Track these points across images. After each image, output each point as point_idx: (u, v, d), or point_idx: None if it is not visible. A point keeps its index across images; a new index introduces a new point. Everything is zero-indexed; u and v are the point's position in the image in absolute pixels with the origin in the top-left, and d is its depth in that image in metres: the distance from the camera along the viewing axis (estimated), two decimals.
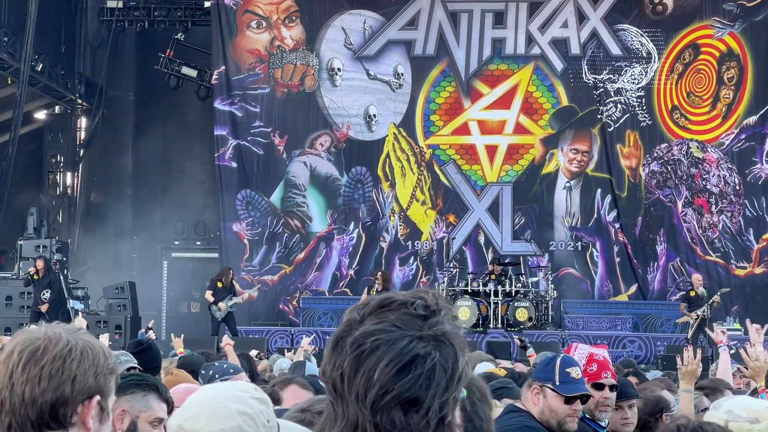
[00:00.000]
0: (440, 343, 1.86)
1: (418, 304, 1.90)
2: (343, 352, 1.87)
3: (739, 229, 23.54)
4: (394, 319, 1.87)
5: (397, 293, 1.93)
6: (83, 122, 27.04)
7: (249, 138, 24.23)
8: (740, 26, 23.83)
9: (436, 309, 1.91)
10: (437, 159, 24.31)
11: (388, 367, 1.82)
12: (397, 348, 1.83)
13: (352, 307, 1.94)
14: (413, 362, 1.83)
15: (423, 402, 1.82)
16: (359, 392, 1.83)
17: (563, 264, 23.79)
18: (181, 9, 25.53)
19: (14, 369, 2.27)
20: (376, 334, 1.85)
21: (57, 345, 2.28)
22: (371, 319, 1.88)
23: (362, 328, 1.87)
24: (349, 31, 24.53)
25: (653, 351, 20.41)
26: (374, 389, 1.82)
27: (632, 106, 24.01)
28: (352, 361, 1.85)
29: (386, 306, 1.90)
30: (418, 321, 1.87)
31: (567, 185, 24.05)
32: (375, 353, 1.84)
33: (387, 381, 1.82)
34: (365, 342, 1.85)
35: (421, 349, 1.84)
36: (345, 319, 1.93)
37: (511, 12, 24.18)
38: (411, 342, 1.84)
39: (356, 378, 1.84)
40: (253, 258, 23.76)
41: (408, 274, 23.96)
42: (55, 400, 2.26)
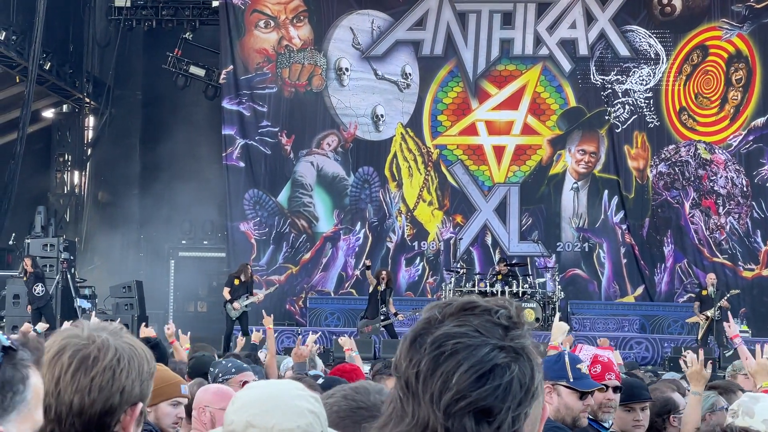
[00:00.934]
0: (520, 356, 1.83)
1: (502, 314, 1.86)
2: (421, 350, 1.83)
3: (746, 230, 23.51)
4: (477, 324, 1.83)
5: (479, 299, 1.90)
6: (91, 121, 27.08)
7: (257, 138, 24.24)
8: (749, 28, 23.80)
9: (518, 321, 1.87)
10: (444, 159, 24.30)
11: (468, 372, 1.79)
12: (479, 355, 1.80)
13: (433, 305, 1.90)
14: (492, 371, 1.79)
15: (497, 413, 1.79)
16: (434, 394, 1.79)
17: (570, 265, 23.77)
18: (189, 8, 25.53)
19: (62, 376, 2.23)
20: (458, 337, 1.82)
21: (107, 354, 2.26)
22: (453, 321, 1.84)
23: (444, 329, 1.83)
24: (357, 31, 24.53)
25: (660, 352, 20.39)
26: (450, 393, 1.78)
27: (640, 107, 23.99)
28: (431, 361, 1.81)
29: (469, 309, 1.86)
30: (500, 330, 1.84)
31: (574, 186, 24.03)
32: (455, 356, 1.80)
33: (464, 387, 1.78)
34: (446, 343, 1.81)
35: (502, 360, 1.81)
36: (425, 317, 1.88)
37: (519, 13, 24.16)
38: (492, 351, 1.81)
39: (433, 379, 1.80)
40: (261, 258, 23.76)
41: (414, 275, 23.95)
42: (104, 412, 2.24)
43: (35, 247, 21.82)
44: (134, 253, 26.34)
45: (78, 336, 2.29)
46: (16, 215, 23.26)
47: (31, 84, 22.10)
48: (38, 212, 23.28)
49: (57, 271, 21.35)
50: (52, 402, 2.21)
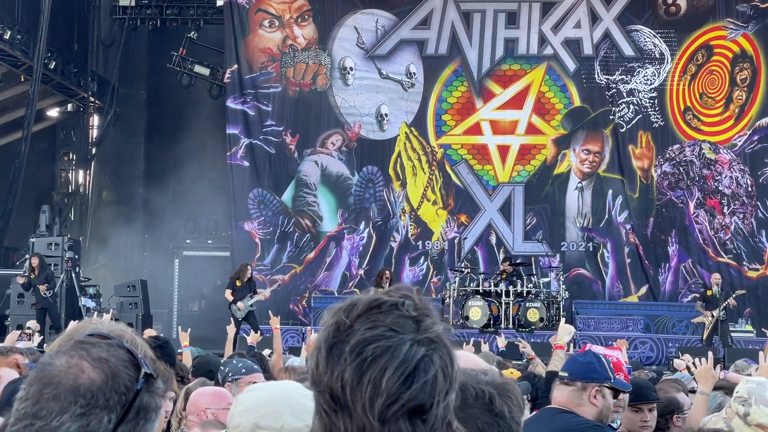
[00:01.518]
0: (437, 345, 1.80)
1: (409, 305, 1.82)
2: (341, 360, 1.78)
3: (751, 230, 23.49)
4: (390, 322, 1.79)
5: (382, 294, 1.84)
6: (95, 120, 27.11)
7: (261, 137, 24.24)
8: (753, 27, 23.78)
9: (425, 309, 1.83)
10: (449, 159, 24.30)
11: (395, 375, 1.75)
12: (400, 355, 1.76)
13: (336, 309, 1.84)
14: (417, 369, 1.77)
15: (429, 409, 1.77)
16: (365, 403, 1.75)
17: (575, 264, 23.76)
18: (193, 7, 25.56)
19: None
20: (376, 341, 1.77)
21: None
22: (363, 323, 1.79)
23: (358, 334, 1.78)
24: (362, 31, 24.53)
25: (665, 352, 20.37)
26: (381, 399, 1.75)
27: (645, 107, 23.97)
28: (355, 370, 1.76)
29: (377, 308, 1.81)
30: (412, 323, 1.80)
31: (579, 186, 24.02)
32: (378, 361, 1.76)
33: (395, 390, 1.75)
34: (366, 349, 1.77)
35: (423, 354, 1.78)
36: (331, 322, 1.83)
37: (524, 12, 24.15)
38: (411, 347, 1.77)
39: (360, 388, 1.76)
40: (265, 257, 23.76)
41: (418, 274, 23.94)
42: None
43: (40, 245, 21.86)
44: (139, 252, 26.36)
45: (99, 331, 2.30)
46: (20, 214, 23.29)
47: (36, 83, 22.13)
48: (43, 211, 23.31)
49: (62, 270, 21.43)
50: None
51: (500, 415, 2.22)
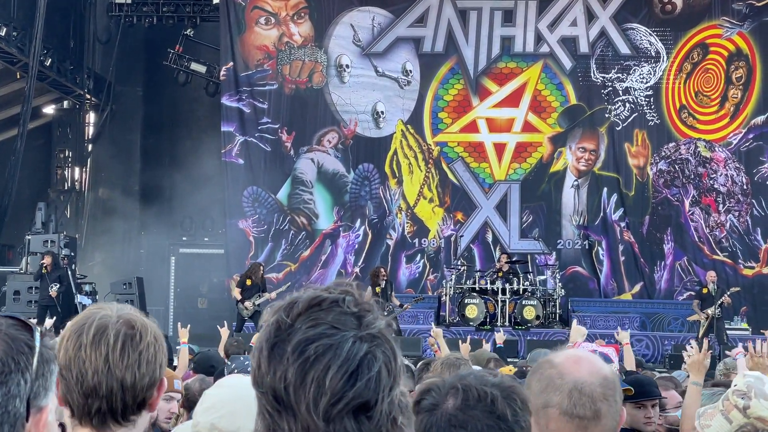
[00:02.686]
0: (379, 341, 1.79)
1: (349, 301, 1.81)
2: (283, 359, 1.76)
3: (746, 228, 23.53)
4: (331, 320, 1.78)
5: (322, 291, 1.83)
6: (91, 117, 27.08)
7: (256, 134, 24.24)
8: (749, 26, 23.81)
9: (366, 304, 1.82)
10: (445, 156, 24.31)
11: (338, 373, 1.74)
12: (343, 352, 1.75)
13: (276, 308, 1.83)
14: (361, 366, 1.76)
15: (373, 406, 1.76)
16: (309, 402, 1.74)
17: (571, 262, 23.80)
18: (189, 5, 25.52)
19: (110, 353, 2.30)
20: (318, 339, 1.76)
21: (147, 330, 2.36)
22: (304, 322, 1.78)
23: (300, 333, 1.77)
24: (358, 28, 24.54)
25: (660, 350, 20.42)
26: (326, 398, 1.74)
27: (640, 105, 24.00)
28: (298, 370, 1.75)
29: (317, 305, 1.80)
30: (353, 319, 1.79)
31: (575, 184, 24.05)
32: (321, 360, 1.75)
33: (339, 388, 1.74)
34: (308, 348, 1.76)
35: (365, 351, 1.77)
36: (272, 321, 1.81)
37: (520, 10, 24.17)
38: (354, 344, 1.76)
39: (304, 387, 1.75)
40: (259, 255, 23.71)
41: (415, 272, 23.96)
42: (150, 384, 2.34)
43: (36, 243, 21.84)
44: (135, 250, 26.34)
45: (110, 316, 2.37)
46: (16, 211, 23.26)
47: (32, 80, 22.09)
48: (39, 208, 23.28)
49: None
50: (102, 379, 2.29)
51: (502, 418, 2.19)
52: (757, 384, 3.45)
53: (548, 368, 2.55)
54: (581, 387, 2.52)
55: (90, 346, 2.30)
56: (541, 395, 2.51)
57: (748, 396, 3.42)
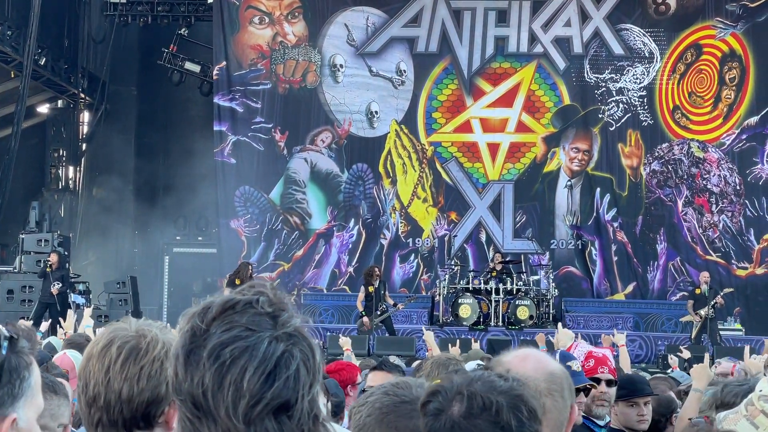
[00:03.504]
0: (296, 339, 1.79)
1: (263, 301, 1.80)
2: (200, 365, 1.75)
3: (739, 229, 23.58)
4: (245, 322, 1.76)
5: (235, 294, 1.82)
6: (86, 116, 27.07)
7: (249, 134, 24.22)
8: (742, 27, 23.86)
9: (281, 303, 1.82)
10: (439, 156, 24.33)
11: (255, 375, 1.73)
12: (260, 353, 1.74)
13: (191, 314, 1.81)
14: (278, 366, 1.75)
15: (293, 405, 1.76)
16: (228, 406, 1.73)
17: (564, 262, 23.82)
18: (184, 4, 25.50)
19: (111, 365, 2.31)
20: (232, 342, 1.74)
21: (156, 346, 2.34)
22: (219, 326, 1.77)
23: (215, 338, 1.75)
24: (352, 28, 24.54)
25: (654, 350, 20.44)
26: (244, 400, 1.72)
27: (634, 105, 24.04)
28: (214, 374, 1.73)
29: (231, 308, 1.79)
30: (268, 320, 1.78)
31: (568, 184, 24.08)
32: (237, 362, 1.73)
33: (257, 390, 1.73)
34: (223, 352, 1.74)
35: (282, 350, 1.76)
36: (186, 328, 1.79)
37: (514, 10, 24.20)
38: (270, 344, 1.75)
39: (222, 391, 1.73)
40: (251, 255, 23.66)
41: (408, 272, 23.97)
42: (151, 400, 2.31)
43: (29, 242, 21.82)
44: (129, 249, 26.34)
45: (126, 329, 2.38)
46: (10, 210, 23.24)
47: (26, 79, 22.07)
48: (32, 207, 23.26)
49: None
50: (101, 390, 2.30)
51: (506, 428, 2.15)
52: None
53: (497, 366, 2.58)
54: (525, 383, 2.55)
55: (96, 357, 2.33)
56: None
57: None
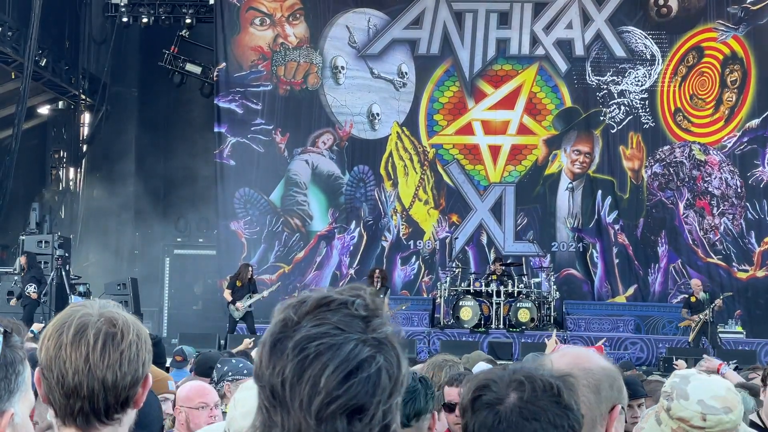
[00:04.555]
0: (384, 346, 1.78)
1: (359, 304, 1.79)
2: (283, 356, 1.76)
3: (740, 231, 23.56)
4: (337, 321, 1.77)
5: (333, 292, 1.82)
6: (86, 118, 27.05)
7: (249, 135, 24.20)
8: (744, 29, 23.85)
9: (376, 309, 1.81)
10: (440, 158, 24.31)
11: (335, 373, 1.73)
12: (343, 353, 1.73)
13: (286, 305, 1.82)
14: (359, 368, 1.74)
15: (368, 410, 1.74)
16: (303, 400, 1.73)
17: (565, 265, 23.80)
18: (185, 5, 25.46)
19: (90, 353, 2.26)
20: (320, 338, 1.75)
21: (129, 329, 2.31)
22: (310, 320, 1.78)
23: (304, 331, 1.76)
24: (354, 30, 24.53)
25: (655, 353, 20.42)
26: (320, 397, 1.72)
27: (635, 108, 24.02)
28: (296, 366, 1.74)
29: (325, 305, 1.79)
30: (360, 322, 1.78)
31: (569, 186, 24.06)
32: (320, 358, 1.74)
33: (333, 388, 1.72)
34: (309, 346, 1.75)
35: (367, 354, 1.75)
36: (279, 318, 1.81)
37: (516, 12, 24.18)
38: (356, 346, 1.75)
39: (300, 384, 1.74)
40: (251, 257, 23.61)
41: (410, 274, 23.95)
42: (133, 383, 2.30)
43: (30, 243, 21.81)
44: (129, 250, 26.33)
45: (91, 314, 2.32)
46: (11, 211, 23.24)
47: (27, 80, 22.06)
48: (33, 209, 23.25)
49: (52, 267, 21.35)
50: (83, 379, 2.24)
51: (569, 407, 2.17)
52: (680, 384, 3.46)
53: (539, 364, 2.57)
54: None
55: (70, 345, 2.25)
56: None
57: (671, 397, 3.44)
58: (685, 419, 3.37)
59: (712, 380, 3.52)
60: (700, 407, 3.35)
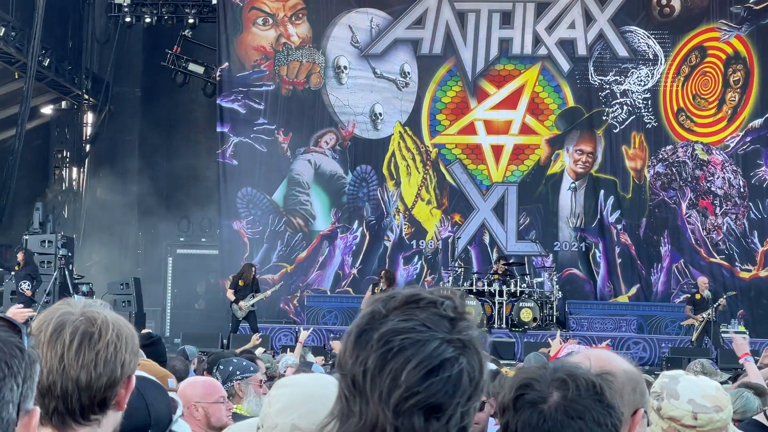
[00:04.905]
0: (468, 349, 1.80)
1: (447, 305, 1.82)
2: (368, 347, 1.78)
3: (743, 231, 23.55)
4: (424, 318, 1.79)
5: (424, 291, 1.85)
6: (89, 118, 27.08)
7: (252, 135, 24.22)
8: (747, 29, 23.84)
9: (464, 312, 1.83)
10: (443, 158, 24.32)
11: (417, 369, 1.73)
12: (427, 350, 1.75)
13: (376, 298, 1.85)
14: (441, 366, 1.75)
15: (446, 409, 1.76)
16: (383, 392, 1.75)
17: (567, 264, 23.80)
18: (188, 5, 25.49)
19: (65, 352, 2.24)
20: (405, 333, 1.77)
21: (107, 329, 2.28)
22: (398, 315, 1.80)
23: (390, 324, 1.79)
24: (356, 29, 24.54)
25: (657, 353, 20.43)
26: (399, 390, 1.74)
27: (638, 107, 24.02)
28: (378, 359, 1.76)
29: (414, 302, 1.82)
30: (447, 323, 1.80)
31: (572, 186, 24.06)
32: (403, 353, 1.75)
33: (414, 383, 1.74)
34: (394, 339, 1.77)
35: (450, 354, 1.77)
36: (368, 311, 1.84)
37: (519, 12, 24.19)
38: (441, 345, 1.76)
39: (381, 376, 1.75)
40: (254, 256, 23.61)
41: (412, 273, 23.95)
42: (109, 385, 2.27)
43: (33, 243, 21.82)
44: (132, 250, 26.34)
45: (72, 313, 2.31)
46: (14, 211, 23.27)
47: (30, 80, 22.08)
48: (36, 208, 23.23)
49: (55, 267, 21.37)
50: (56, 379, 2.23)
51: (611, 406, 2.18)
52: (670, 384, 3.48)
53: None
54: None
55: (47, 344, 2.24)
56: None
57: (661, 396, 3.46)
58: (676, 418, 3.39)
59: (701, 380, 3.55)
60: (690, 406, 3.37)
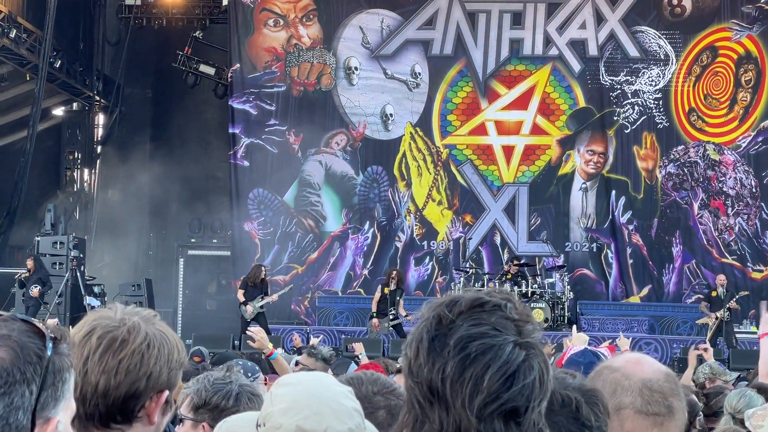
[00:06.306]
0: (535, 352, 1.83)
1: (511, 308, 1.84)
2: (443, 353, 1.80)
3: (755, 231, 23.50)
4: (494, 322, 1.81)
5: (484, 294, 1.87)
6: (101, 119, 27.12)
7: (263, 136, 24.24)
8: (758, 29, 23.79)
9: (525, 314, 1.86)
10: (454, 159, 24.31)
11: (497, 374, 1.76)
12: (504, 355, 1.78)
13: (438, 303, 1.87)
14: (518, 371, 1.78)
15: (524, 413, 1.78)
16: (465, 398, 1.77)
17: (579, 265, 23.77)
18: (199, 7, 25.54)
19: (90, 356, 2.23)
20: (480, 338, 1.79)
21: (137, 338, 2.26)
22: (466, 319, 1.82)
23: (462, 330, 1.80)
24: (367, 30, 24.54)
25: (669, 353, 20.37)
26: (481, 396, 1.76)
27: (649, 108, 23.98)
28: (457, 365, 1.78)
29: (479, 306, 1.84)
30: (513, 326, 1.82)
31: (583, 186, 24.03)
32: (482, 358, 1.77)
33: (495, 389, 1.76)
34: (470, 345, 1.79)
35: (523, 358, 1.80)
36: (432, 315, 1.85)
37: (529, 13, 24.16)
38: (513, 349, 1.79)
39: (462, 383, 1.77)
40: (265, 258, 23.64)
41: (423, 274, 23.95)
42: (129, 395, 2.24)
43: (45, 244, 21.85)
44: (144, 251, 26.37)
45: (110, 318, 2.30)
46: (26, 213, 23.32)
47: (42, 82, 22.14)
48: (48, 210, 23.27)
49: (66, 268, 21.37)
50: (78, 381, 2.17)
51: (586, 424, 2.20)
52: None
53: (610, 372, 2.55)
54: (650, 385, 2.53)
55: (77, 346, 2.23)
56: (611, 399, 2.52)
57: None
58: None
59: None
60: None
